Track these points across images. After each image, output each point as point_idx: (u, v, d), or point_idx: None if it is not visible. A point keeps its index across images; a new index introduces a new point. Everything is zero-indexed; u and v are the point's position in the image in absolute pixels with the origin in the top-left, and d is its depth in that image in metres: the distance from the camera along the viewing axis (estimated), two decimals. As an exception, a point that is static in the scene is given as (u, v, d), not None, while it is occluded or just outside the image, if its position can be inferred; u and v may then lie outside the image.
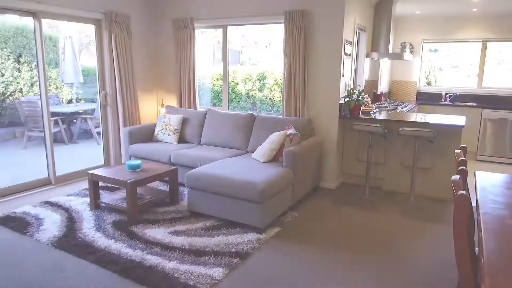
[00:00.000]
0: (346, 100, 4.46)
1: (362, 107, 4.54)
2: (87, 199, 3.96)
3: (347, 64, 4.52)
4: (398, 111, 5.37)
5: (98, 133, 6.78)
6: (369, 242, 3.17)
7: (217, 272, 2.63)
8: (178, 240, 3.11)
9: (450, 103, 6.54)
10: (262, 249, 3.02)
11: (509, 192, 2.05)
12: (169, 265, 2.72)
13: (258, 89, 8.96)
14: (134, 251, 2.91)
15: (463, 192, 1.21)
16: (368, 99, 4.94)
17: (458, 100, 6.70)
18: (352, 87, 4.64)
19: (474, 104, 6.28)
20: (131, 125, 5.12)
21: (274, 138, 3.91)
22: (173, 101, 5.66)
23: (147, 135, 5.00)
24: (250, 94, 8.69)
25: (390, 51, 5.98)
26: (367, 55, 5.56)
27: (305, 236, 3.25)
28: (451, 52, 7.04)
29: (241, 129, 4.59)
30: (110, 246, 2.99)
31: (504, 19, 6.15)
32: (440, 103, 6.62)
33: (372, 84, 6.21)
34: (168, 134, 4.90)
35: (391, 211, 3.87)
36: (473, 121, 6.10)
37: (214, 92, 7.95)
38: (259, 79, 8.86)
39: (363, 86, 5.49)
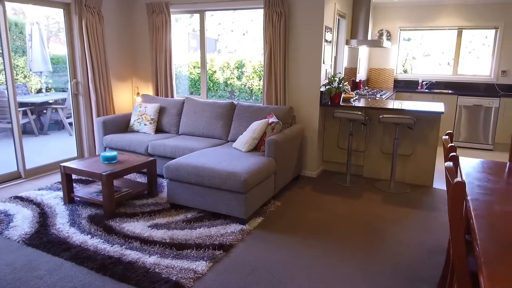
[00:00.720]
0: (327, 87, 4.42)
1: (343, 95, 4.51)
2: (60, 193, 3.78)
3: (328, 51, 4.46)
4: (377, 98, 5.38)
5: (70, 124, 6.50)
6: (352, 229, 3.16)
7: (200, 266, 2.55)
8: (158, 234, 3.00)
9: (426, 90, 6.62)
10: (246, 240, 2.96)
11: (492, 177, 2.05)
12: (150, 260, 2.61)
13: (237, 77, 8.82)
14: (112, 246, 2.79)
15: (459, 179, 1.17)
16: (348, 87, 4.92)
17: (434, 88, 6.80)
18: (332, 74, 4.60)
19: (450, 91, 6.39)
20: (105, 115, 4.91)
21: (256, 127, 3.83)
22: (149, 90, 5.47)
23: (122, 125, 4.81)
24: (228, 82, 8.54)
25: (369, 38, 5.97)
26: (347, 42, 5.53)
27: (289, 225, 3.21)
28: (424, 41, 7.11)
29: (221, 118, 4.48)
30: (86, 242, 2.85)
31: (479, 7, 6.24)
32: (416, 90, 6.70)
33: (351, 72, 6.20)
34: (145, 124, 4.73)
35: (372, 198, 3.88)
36: (449, 108, 6.21)
37: (191, 81, 7.76)
38: (237, 67, 8.72)
39: (343, 74, 5.46)
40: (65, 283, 2.35)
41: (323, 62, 4.31)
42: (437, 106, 4.26)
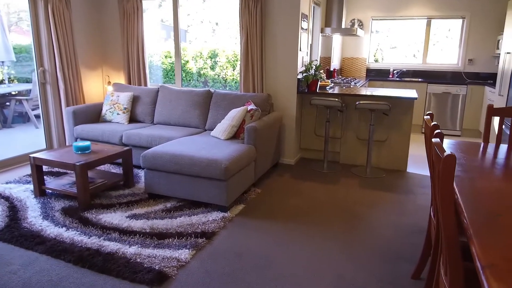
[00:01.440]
0: (304, 75, 4.42)
1: (319, 83, 4.53)
2: (30, 186, 3.60)
3: (304, 39, 4.46)
4: (351, 86, 5.45)
5: (37, 116, 6.20)
6: (332, 213, 3.20)
7: (183, 254, 2.50)
8: (137, 224, 2.92)
9: (397, 78, 6.78)
10: (228, 227, 2.93)
11: (468, 156, 2.12)
12: (130, 250, 2.54)
13: (210, 67, 8.69)
14: (89, 238, 2.68)
15: (450, 152, 1.19)
16: (323, 75, 4.95)
17: (404, 76, 6.98)
18: (309, 61, 4.61)
19: (420, 80, 6.57)
20: (74, 105, 4.71)
21: (234, 114, 3.78)
22: (120, 79, 5.29)
23: (94, 115, 4.63)
24: (202, 72, 8.41)
25: (343, 27, 6.02)
26: (321, 31, 5.55)
27: (270, 212, 3.21)
28: (390, 33, 7.27)
29: (198, 106, 4.40)
30: (62, 234, 2.73)
31: (446, -3, 6.43)
32: (388, 79, 6.85)
33: (325, 61, 6.25)
34: (118, 114, 4.57)
35: (349, 183, 3.94)
36: (419, 96, 6.39)
37: (163, 71, 7.59)
38: (210, 57, 8.58)
39: (319, 62, 5.49)
40: (41, 277, 2.25)
41: (300, 49, 4.31)
42: (410, 93, 4.36)
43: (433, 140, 1.41)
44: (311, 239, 2.76)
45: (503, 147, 2.35)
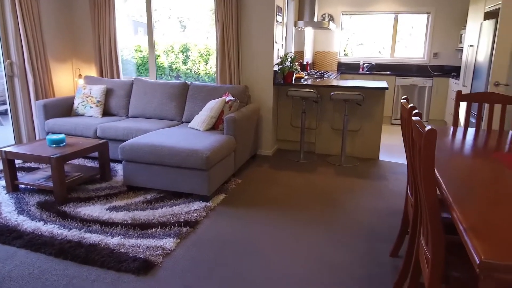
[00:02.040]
0: (280, 67, 4.49)
1: (294, 75, 4.62)
2: (2, 182, 3.46)
3: (279, 32, 4.52)
4: (324, 79, 5.58)
5: (1, 113, 5.94)
6: (311, 199, 3.29)
7: (168, 243, 2.50)
8: (118, 216, 2.88)
9: (367, 72, 7.00)
10: (211, 216, 2.95)
11: (440, 138, 2.25)
12: (113, 241, 2.51)
13: (182, 61, 8.60)
14: (69, 231, 2.63)
15: (430, 127, 1.27)
16: (298, 67, 5.05)
17: (374, 70, 7.21)
18: (284, 54, 4.68)
19: (388, 73, 6.82)
20: (44, 98, 4.55)
21: (213, 105, 3.79)
22: (92, 72, 5.15)
23: (65, 108, 4.50)
24: (174, 67, 8.32)
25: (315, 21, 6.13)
26: (295, 24, 5.64)
27: (252, 200, 3.26)
28: (360, 28, 7.49)
29: (174, 98, 4.36)
30: (40, 228, 2.65)
31: (412, -7, 6.69)
32: (358, 72, 7.05)
33: (298, 55, 6.35)
34: (91, 107, 4.46)
35: (325, 172, 4.06)
36: (389, 88, 6.62)
37: (134, 65, 7.45)
38: (182, 51, 8.50)
39: (293, 55, 5.58)
40: (21, 270, 2.19)
41: (275, 42, 4.37)
42: (381, 84, 4.53)
43: (414, 118, 1.50)
44: (294, 224, 2.83)
45: (471, 130, 2.51)
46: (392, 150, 4.99)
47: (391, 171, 4.13)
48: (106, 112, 4.61)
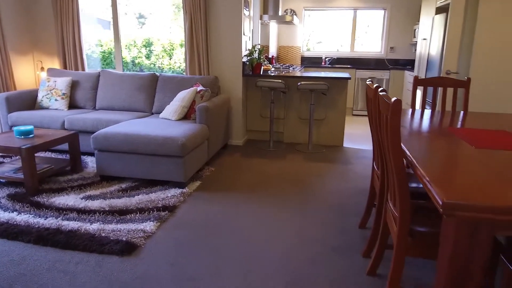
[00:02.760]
0: (248, 58, 4.61)
1: (263, 66, 4.76)
2: (-36, 176, 3.33)
3: (246, 24, 4.64)
4: (290, 71, 5.77)
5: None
6: (283, 183, 3.45)
7: (148, 226, 2.56)
8: (94, 204, 2.89)
9: (329, 66, 7.29)
10: (188, 201, 3.03)
11: (401, 118, 2.47)
12: (92, 227, 2.53)
13: (145, 56, 8.50)
14: (45, 219, 2.61)
15: (396, 98, 1.45)
16: (266, 60, 5.19)
17: (335, 63, 7.52)
18: (252, 46, 4.80)
19: (349, 66, 7.14)
20: (6, 91, 4.38)
21: (184, 95, 3.85)
22: (54, 64, 5.01)
23: (29, 102, 4.36)
24: (136, 61, 8.22)
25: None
26: (260, 18, 5.78)
27: (226, 186, 3.36)
28: (318, 25, 7.78)
29: (143, 90, 4.36)
30: (14, 218, 2.61)
31: (370, -10, 7.04)
32: (321, 66, 7.32)
33: (264, 49, 6.50)
34: (56, 100, 4.36)
35: (295, 158, 4.24)
36: (349, 81, 6.95)
37: (94, 60, 7.30)
38: (144, 45, 8.40)
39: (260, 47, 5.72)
40: (1, 258, 2.16)
41: (243, 34, 4.48)
42: (344, 74, 4.78)
43: (380, 93, 1.68)
44: (269, 205, 2.97)
45: (427, 111, 2.76)
46: (355, 138, 5.28)
47: (355, 156, 4.39)
48: (72, 105, 4.52)
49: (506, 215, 1.10)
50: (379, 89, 1.87)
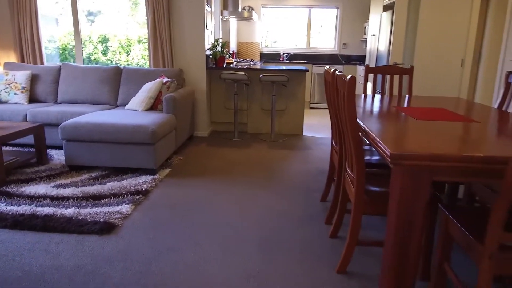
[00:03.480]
0: (212, 51, 4.77)
1: (226, 60, 4.94)
2: None
3: (209, 19, 4.79)
4: (251, 65, 5.99)
5: None
6: (250, 167, 3.66)
7: (124, 208, 2.66)
8: (67, 192, 2.93)
9: (287, 61, 7.61)
10: (160, 186, 3.15)
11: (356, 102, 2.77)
12: (68, 211, 2.59)
13: (101, 52, 8.38)
14: (19, 207, 2.63)
15: (351, 75, 1.71)
16: (228, 54, 5.37)
17: (293, 59, 7.85)
18: (215, 39, 4.96)
19: (306, 61, 7.50)
20: (-41, 86, 4.22)
21: (151, 86, 3.94)
22: (11, 58, 4.88)
23: (-14, 96, 4.23)
24: (92, 58, 8.10)
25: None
26: (221, 13, 5.95)
27: (195, 172, 3.52)
28: (276, 22, 8.10)
29: (107, 82, 4.39)
30: (-15, 207, 2.61)
31: (323, -11, 7.44)
32: (279, 61, 7.62)
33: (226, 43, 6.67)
34: (15, 93, 4.27)
35: (259, 147, 4.47)
36: (306, 76, 7.30)
37: (48, 56, 7.14)
38: (100, 41, 8.28)
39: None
40: (-23, 242, 2.19)
41: (206, 28, 4.64)
42: (302, 67, 5.08)
43: (337, 73, 1.93)
44: (238, 186, 3.17)
45: (377, 96, 3.09)
46: (314, 127, 5.61)
47: (314, 143, 4.70)
48: (33, 99, 4.44)
49: (441, 162, 1.38)
50: (336, 72, 2.13)
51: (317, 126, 5.69)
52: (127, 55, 8.37)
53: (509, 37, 3.45)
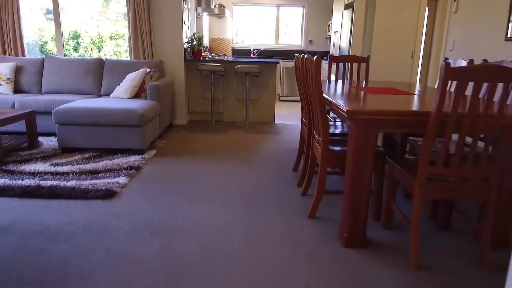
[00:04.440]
0: (189, 44, 5.12)
1: (202, 53, 5.30)
2: None
3: (186, 15, 5.14)
4: (225, 59, 6.38)
5: None
6: (228, 148, 4.06)
7: (121, 180, 2.99)
8: (64, 168, 3.22)
9: (257, 56, 8.05)
10: (150, 163, 3.50)
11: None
12: (70, 183, 2.89)
13: (73, 48, 8.51)
14: (23, 181, 2.90)
15: (318, 55, 2.16)
16: (204, 47, 5.74)
17: (263, 54, 8.31)
18: (192, 33, 5.32)
19: (274, 57, 7.97)
20: None
21: (135, 76, 4.25)
22: (-9, 51, 5.00)
23: (-30, 86, 4.38)
24: (64, 53, 8.20)
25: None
26: (196, 10, 6.30)
27: (180, 152, 3.88)
28: (246, 19, 8.54)
29: (90, 73, 4.65)
30: (-8, 181, 2.86)
31: (290, -11, 7.93)
32: (250, 57, 8.05)
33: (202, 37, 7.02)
34: (0, 84, 4.44)
35: (235, 132, 4.88)
36: (275, 70, 7.77)
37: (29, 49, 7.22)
38: (72, 38, 8.40)
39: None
40: (-7, 207, 2.46)
41: (184, 23, 4.99)
42: (273, 60, 5.54)
43: (305, 57, 2.39)
44: (220, 162, 3.57)
45: (340, 81, 3.59)
46: (284, 117, 6.09)
47: (284, 128, 5.17)
48: (17, 90, 4.62)
49: (384, 116, 1.85)
50: (304, 57, 2.58)
51: (287, 116, 6.17)
52: (99, 51, 8.52)
53: (449, 32, 4.05)
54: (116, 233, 2.18)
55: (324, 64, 7.44)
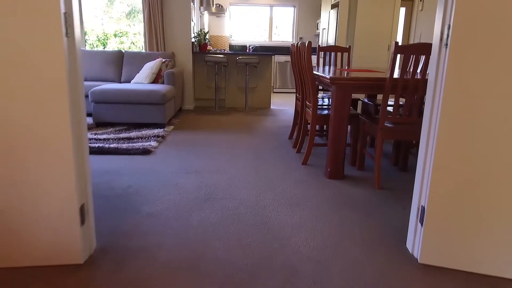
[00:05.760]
0: (197, 39, 5.88)
1: (208, 46, 6.06)
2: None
3: (193, 13, 5.90)
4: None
5: None
6: (234, 125, 4.83)
7: (152, 143, 3.74)
8: (102, 136, 3.94)
9: (252, 52, 8.82)
10: (171, 134, 4.25)
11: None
12: (111, 146, 3.62)
13: (81, 45, 9.16)
14: (74, 143, 3.62)
15: (309, 41, 2.94)
16: (209, 42, 6.49)
17: (257, 50, 9.10)
18: (199, 29, 6.08)
19: (268, 53, 8.75)
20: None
21: (152, 64, 4.99)
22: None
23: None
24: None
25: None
26: (199, 9, 7.05)
27: (193, 127, 4.63)
28: (243, 18, 9.32)
29: (112, 63, 5.37)
30: (50, 143, 3.57)
31: (282, -9, 8.74)
32: (246, 52, 8.82)
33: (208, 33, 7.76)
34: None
35: (237, 114, 5.65)
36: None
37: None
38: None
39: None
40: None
41: (192, 20, 5.74)
42: (269, 53, 6.33)
43: (299, 44, 3.17)
44: (227, 134, 4.34)
45: (327, 67, 4.39)
46: (278, 104, 6.89)
47: (279, 112, 5.96)
48: (47, 77, 5.31)
49: (357, 81, 2.65)
50: (298, 43, 3.37)
51: (281, 103, 6.97)
52: (104, 48, 9.20)
53: (416, 28, 4.89)
54: (161, 172, 2.94)
55: (313, 58, 8.26)
